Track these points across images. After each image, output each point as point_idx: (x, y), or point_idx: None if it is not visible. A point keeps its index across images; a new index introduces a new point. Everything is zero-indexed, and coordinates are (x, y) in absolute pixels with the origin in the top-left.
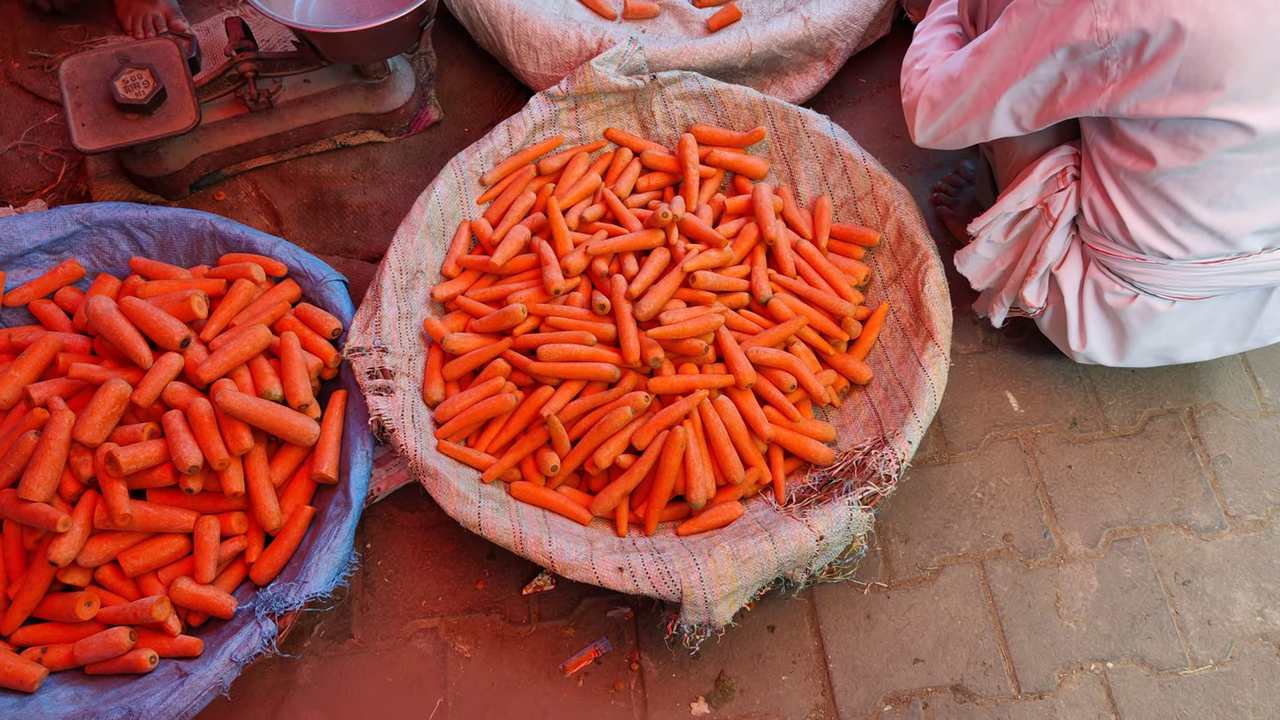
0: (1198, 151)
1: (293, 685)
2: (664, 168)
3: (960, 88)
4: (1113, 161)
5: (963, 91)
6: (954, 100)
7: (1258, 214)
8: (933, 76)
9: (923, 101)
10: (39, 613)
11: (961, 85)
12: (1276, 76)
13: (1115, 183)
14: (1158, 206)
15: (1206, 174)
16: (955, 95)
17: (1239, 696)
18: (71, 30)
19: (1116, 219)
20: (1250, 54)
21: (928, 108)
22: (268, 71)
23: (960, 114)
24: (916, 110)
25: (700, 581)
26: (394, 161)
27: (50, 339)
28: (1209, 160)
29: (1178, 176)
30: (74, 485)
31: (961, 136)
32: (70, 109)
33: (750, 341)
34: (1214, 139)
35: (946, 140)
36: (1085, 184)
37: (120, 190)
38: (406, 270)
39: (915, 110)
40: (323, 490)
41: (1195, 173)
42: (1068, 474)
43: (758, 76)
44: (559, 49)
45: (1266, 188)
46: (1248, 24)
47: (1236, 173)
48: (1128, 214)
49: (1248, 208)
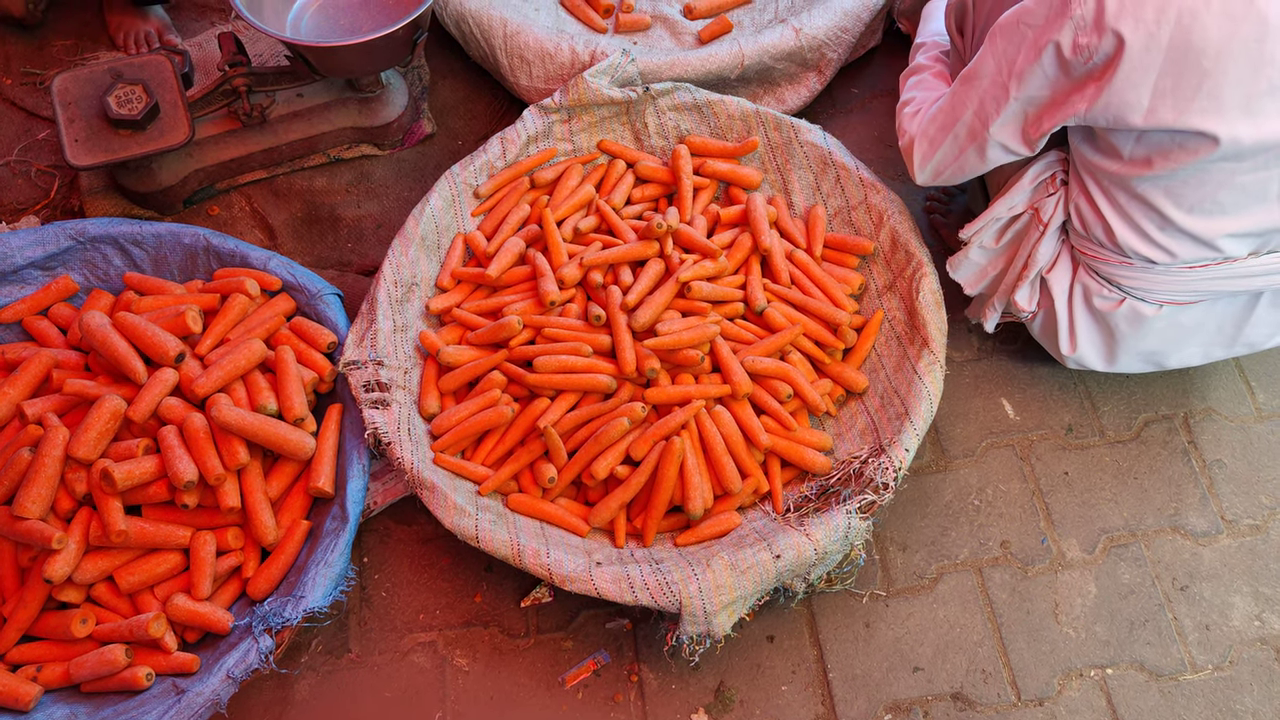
0: (1177, 160)
1: (290, 701)
2: (658, 179)
3: (953, 118)
4: (1096, 167)
5: (956, 123)
6: (948, 133)
7: (1240, 220)
8: (924, 114)
9: (918, 140)
10: (34, 631)
11: (954, 115)
12: (1253, 87)
13: (1100, 188)
14: (1141, 212)
15: (1188, 181)
16: (949, 128)
17: (1238, 701)
18: (63, 46)
19: (1102, 224)
20: (1226, 65)
21: (924, 145)
22: (261, 86)
23: (955, 147)
24: (913, 150)
25: (699, 592)
26: (388, 175)
27: (44, 355)
28: (1189, 168)
29: (1159, 183)
30: (69, 502)
31: (959, 169)
32: (63, 125)
33: (746, 351)
34: (1194, 150)
35: (946, 175)
36: (1072, 189)
37: (114, 206)
38: (401, 283)
39: (912, 151)
40: (319, 504)
41: (1176, 179)
42: (1064, 480)
43: (750, 87)
44: (552, 61)
45: (1247, 194)
46: (1222, 34)
47: (1218, 180)
48: (1113, 219)
49: (1229, 214)
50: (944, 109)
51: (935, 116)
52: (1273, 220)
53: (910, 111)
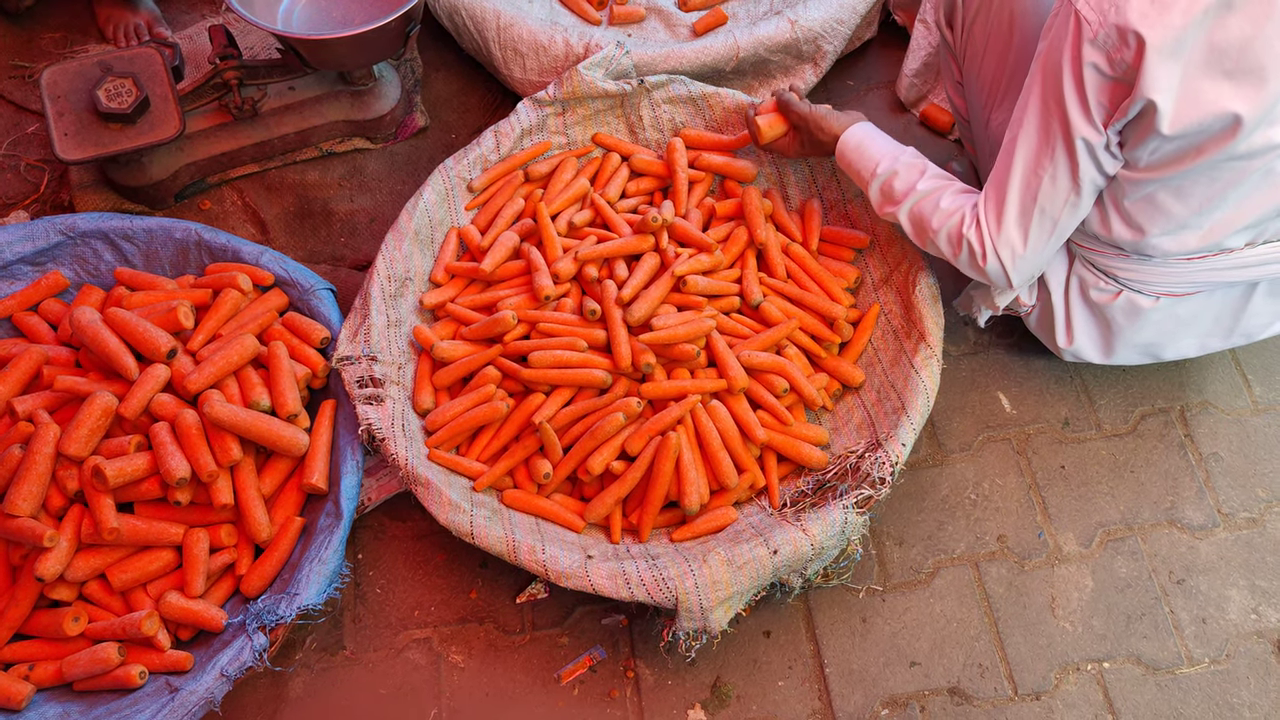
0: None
1: (284, 699)
2: (653, 172)
3: (1034, 180)
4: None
5: (1036, 179)
6: (1033, 196)
7: (1240, 213)
8: (989, 200)
9: (991, 230)
10: (26, 629)
11: (1035, 177)
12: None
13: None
14: (1138, 207)
15: (1198, 180)
16: (1033, 188)
17: (1235, 694)
18: (52, 39)
19: (1099, 216)
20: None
21: (1016, 231)
22: (252, 79)
23: (1050, 206)
24: (994, 248)
25: (696, 588)
26: (381, 168)
27: (34, 351)
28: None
29: (1170, 184)
30: (60, 499)
31: (1060, 237)
32: (52, 119)
33: (742, 345)
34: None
35: (1046, 254)
36: None
37: (104, 200)
38: (395, 278)
39: (985, 248)
40: (313, 501)
41: (1186, 179)
42: (1061, 474)
43: (745, 79)
44: (545, 54)
45: (1249, 187)
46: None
47: (1227, 179)
48: (1110, 213)
49: (1229, 208)
50: (1008, 177)
51: (1013, 195)
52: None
53: (950, 209)
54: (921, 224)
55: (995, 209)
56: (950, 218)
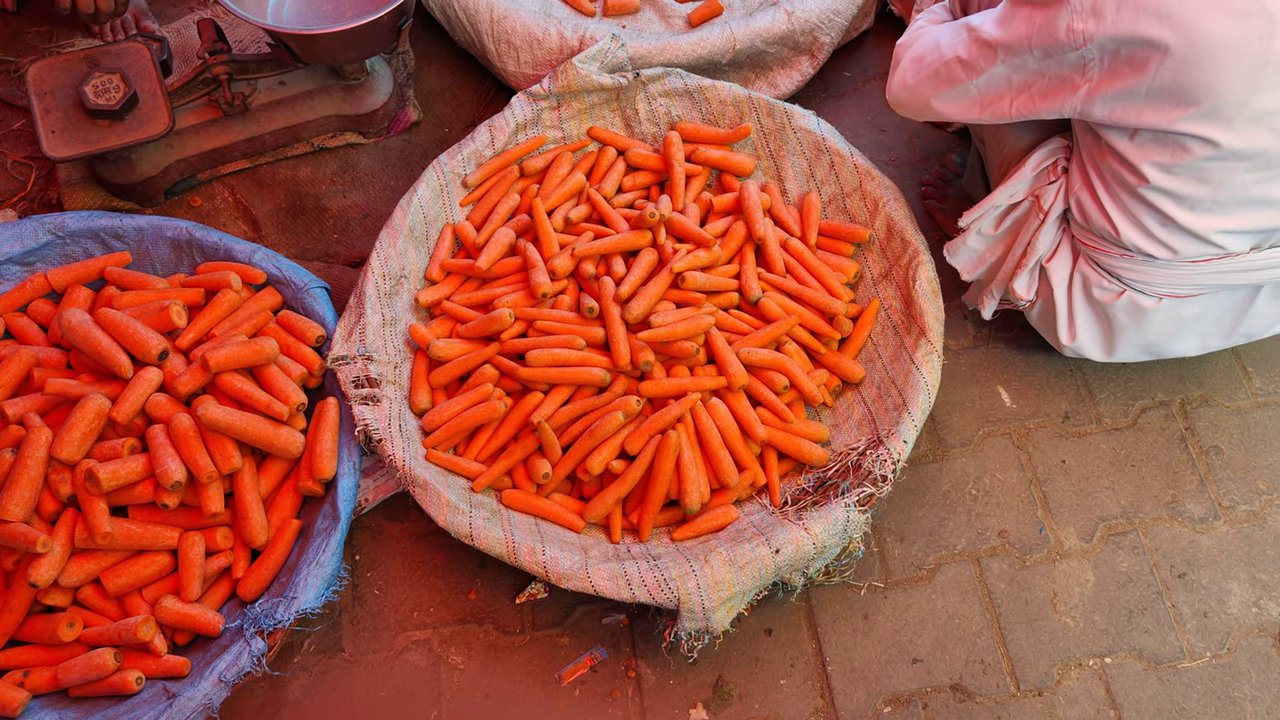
0: (1174, 159)
1: (283, 702)
2: (649, 166)
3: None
4: (1099, 163)
5: (945, 63)
6: (936, 66)
7: (1240, 219)
8: (927, 37)
9: (909, 59)
10: (20, 635)
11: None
12: (1254, 92)
13: (1102, 183)
14: (1142, 209)
15: (1187, 180)
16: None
17: (1237, 688)
18: (38, 33)
19: (1104, 217)
20: (1230, 68)
21: (911, 66)
22: (242, 74)
23: (934, 84)
24: (899, 65)
25: (698, 588)
26: (374, 164)
27: (24, 353)
28: (1185, 166)
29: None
30: (53, 504)
31: (926, 106)
32: (39, 115)
33: (741, 342)
34: (1189, 149)
35: (906, 101)
36: (1074, 181)
37: (93, 198)
38: (390, 275)
39: (897, 64)
40: (310, 503)
41: (1175, 177)
42: (1061, 469)
43: (741, 72)
44: (539, 47)
45: (1247, 194)
46: (1225, 34)
47: (1217, 179)
48: (1115, 214)
49: (1229, 213)
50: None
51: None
52: (1272, 220)
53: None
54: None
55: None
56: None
